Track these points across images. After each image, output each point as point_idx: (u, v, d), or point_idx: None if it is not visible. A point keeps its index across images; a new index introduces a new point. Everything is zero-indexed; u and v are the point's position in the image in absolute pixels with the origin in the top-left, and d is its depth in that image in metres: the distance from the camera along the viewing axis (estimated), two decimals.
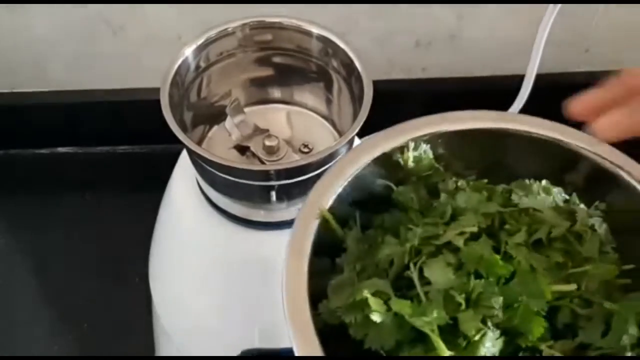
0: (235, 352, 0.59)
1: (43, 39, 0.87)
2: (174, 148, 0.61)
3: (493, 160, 0.47)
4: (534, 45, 0.76)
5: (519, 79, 0.81)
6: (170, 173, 0.62)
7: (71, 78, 0.91)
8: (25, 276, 0.86)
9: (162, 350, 0.69)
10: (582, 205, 0.44)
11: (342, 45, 0.55)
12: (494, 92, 0.86)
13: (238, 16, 0.57)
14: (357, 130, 0.51)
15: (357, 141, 0.57)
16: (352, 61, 0.54)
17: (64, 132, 0.94)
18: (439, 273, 0.38)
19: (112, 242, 0.87)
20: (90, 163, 0.94)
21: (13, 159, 0.95)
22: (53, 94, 0.92)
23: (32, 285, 0.85)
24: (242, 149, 0.57)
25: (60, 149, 0.95)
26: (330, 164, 0.52)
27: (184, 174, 0.59)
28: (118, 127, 0.92)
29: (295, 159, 0.55)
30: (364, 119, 0.52)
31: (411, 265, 0.38)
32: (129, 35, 0.86)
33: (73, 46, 0.88)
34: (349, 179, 0.44)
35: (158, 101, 0.58)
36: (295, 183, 0.52)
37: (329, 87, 0.58)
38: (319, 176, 0.52)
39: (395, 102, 0.78)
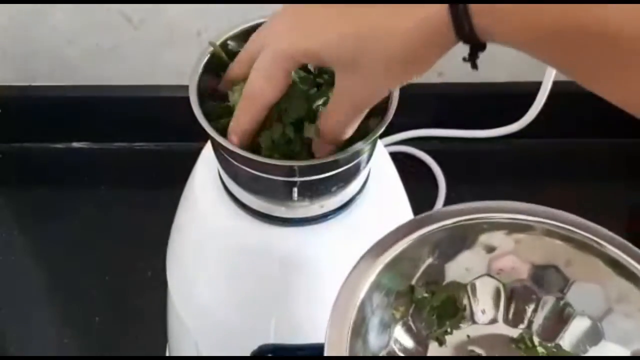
0: (252, 347, 0.60)
1: (62, 32, 0.88)
2: (190, 145, 0.62)
3: None
4: None
5: (535, 86, 0.81)
6: (186, 170, 0.63)
7: (89, 72, 0.91)
8: (38, 269, 0.86)
9: (176, 344, 0.69)
10: None
11: None
12: (510, 98, 0.87)
13: (258, 14, 0.57)
14: (380, 132, 0.52)
15: (379, 143, 0.58)
16: None
17: (80, 127, 0.95)
18: None
19: (126, 237, 0.87)
20: (106, 158, 0.95)
21: (29, 153, 0.96)
22: (70, 88, 0.92)
23: (45, 278, 0.86)
24: None
25: (76, 144, 0.96)
26: (353, 162, 0.53)
27: (205, 168, 0.60)
28: (135, 123, 0.93)
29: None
30: (388, 121, 0.52)
31: None
32: (148, 30, 0.87)
33: (92, 40, 0.88)
34: None
35: (176, 98, 0.59)
36: (318, 180, 0.53)
37: None
38: (340, 174, 0.53)
39: (411, 106, 0.79)
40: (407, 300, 0.51)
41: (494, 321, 0.53)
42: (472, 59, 0.39)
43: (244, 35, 0.55)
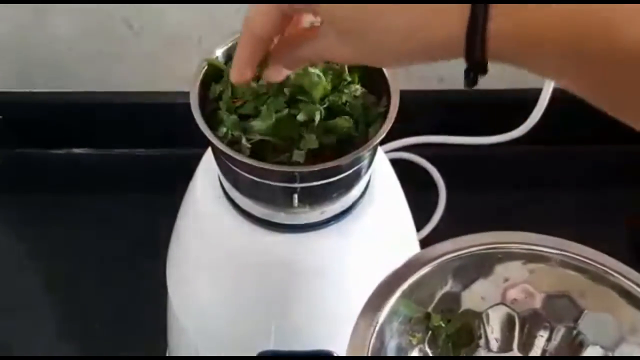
0: (251, 352, 0.60)
1: (63, 38, 0.88)
2: (191, 151, 0.62)
3: None
4: None
5: (536, 93, 0.81)
6: (187, 176, 0.63)
7: (90, 79, 0.91)
8: (38, 275, 0.86)
9: (176, 348, 0.69)
10: None
11: None
12: (510, 104, 0.86)
13: None
14: (380, 139, 0.52)
15: (379, 150, 0.58)
16: (381, 69, 0.54)
17: (81, 133, 0.95)
18: None
19: (125, 243, 0.87)
20: (106, 164, 0.95)
21: (29, 159, 0.96)
22: (71, 95, 0.92)
23: (45, 284, 0.86)
24: None
25: (76, 150, 0.96)
26: (353, 169, 0.53)
27: (206, 174, 0.60)
28: (135, 129, 0.93)
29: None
30: (388, 128, 0.52)
31: None
32: (149, 37, 0.87)
33: (93, 46, 0.89)
34: None
35: (176, 104, 0.59)
36: (318, 186, 0.53)
37: None
38: (341, 180, 0.53)
39: (412, 112, 0.79)
40: (423, 327, 0.51)
41: (508, 349, 0.54)
42: (472, 80, 0.38)
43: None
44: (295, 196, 0.54)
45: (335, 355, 0.58)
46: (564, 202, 0.90)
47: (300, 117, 0.52)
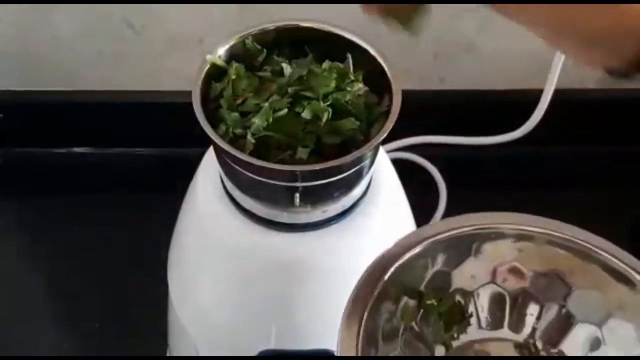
0: (252, 352, 0.60)
1: (64, 38, 0.88)
2: (192, 151, 0.62)
3: None
4: (553, 59, 0.77)
5: (537, 93, 0.82)
6: (188, 175, 0.63)
7: (91, 78, 0.91)
8: (38, 274, 0.86)
9: (176, 348, 0.69)
10: None
11: (373, 52, 0.56)
12: (512, 105, 0.87)
13: (257, 21, 0.58)
14: (382, 138, 0.52)
15: (381, 149, 0.58)
16: (383, 69, 0.54)
17: (81, 133, 0.94)
18: None
19: (127, 242, 0.87)
20: (107, 164, 0.95)
21: (29, 158, 0.95)
22: (72, 94, 0.92)
23: (45, 283, 0.86)
24: None
25: (77, 149, 0.96)
26: (355, 169, 0.53)
27: (207, 173, 0.60)
28: (136, 128, 0.92)
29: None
30: (390, 127, 0.52)
31: None
32: (150, 36, 0.87)
33: (94, 46, 0.89)
34: None
35: (178, 103, 0.59)
36: (319, 185, 0.53)
37: None
38: (343, 180, 0.53)
39: (412, 112, 0.79)
40: (415, 306, 0.52)
41: (498, 327, 0.54)
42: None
43: (242, 44, 0.56)
44: (297, 195, 0.54)
45: (336, 354, 0.58)
46: (564, 202, 0.90)
47: (305, 114, 0.52)
